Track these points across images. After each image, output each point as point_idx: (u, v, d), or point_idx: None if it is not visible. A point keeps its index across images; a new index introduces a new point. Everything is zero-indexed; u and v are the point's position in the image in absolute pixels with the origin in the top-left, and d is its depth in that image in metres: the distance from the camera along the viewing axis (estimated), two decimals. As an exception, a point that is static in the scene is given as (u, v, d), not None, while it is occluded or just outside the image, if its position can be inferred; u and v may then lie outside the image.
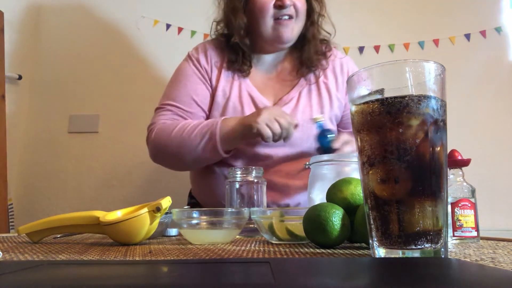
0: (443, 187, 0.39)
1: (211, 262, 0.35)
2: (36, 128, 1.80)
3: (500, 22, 1.77)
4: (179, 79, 1.15)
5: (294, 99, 1.13)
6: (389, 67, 0.41)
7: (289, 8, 1.07)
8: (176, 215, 0.64)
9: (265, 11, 1.07)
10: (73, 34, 1.86)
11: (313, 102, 1.14)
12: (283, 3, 1.06)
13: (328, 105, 1.15)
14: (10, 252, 0.53)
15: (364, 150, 0.41)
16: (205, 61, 1.15)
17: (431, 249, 0.38)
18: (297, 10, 1.09)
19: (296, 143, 1.09)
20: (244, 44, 1.12)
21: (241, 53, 1.13)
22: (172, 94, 1.13)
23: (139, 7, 1.85)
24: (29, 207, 1.74)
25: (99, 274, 0.29)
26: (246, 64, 1.13)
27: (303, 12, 1.11)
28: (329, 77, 1.17)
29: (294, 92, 1.14)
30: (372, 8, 1.84)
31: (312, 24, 1.16)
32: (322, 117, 1.10)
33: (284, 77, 1.17)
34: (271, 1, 1.07)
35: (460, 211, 0.65)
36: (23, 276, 0.27)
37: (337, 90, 1.17)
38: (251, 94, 1.12)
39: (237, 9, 1.11)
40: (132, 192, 1.74)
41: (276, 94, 1.15)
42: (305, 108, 1.12)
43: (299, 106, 1.12)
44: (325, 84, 1.16)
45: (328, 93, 1.16)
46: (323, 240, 0.53)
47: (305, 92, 1.14)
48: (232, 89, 1.12)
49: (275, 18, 1.08)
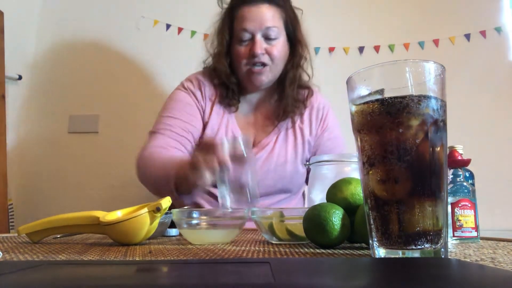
0: (443, 187, 0.39)
1: (211, 262, 0.35)
2: (36, 128, 1.80)
3: (500, 22, 1.77)
4: (175, 107, 1.17)
5: (271, 143, 1.18)
6: (389, 67, 0.40)
7: (262, 56, 1.11)
8: (176, 215, 0.64)
9: (239, 59, 1.13)
10: (73, 34, 1.86)
11: (288, 147, 1.18)
12: (255, 53, 1.10)
13: (301, 148, 1.20)
14: (10, 252, 0.53)
15: (364, 150, 0.41)
16: (200, 95, 1.19)
17: (431, 249, 0.38)
18: (272, 57, 1.12)
19: (269, 184, 1.15)
20: (230, 83, 1.16)
21: (230, 90, 1.17)
22: (166, 120, 1.15)
23: (139, 7, 1.85)
24: (29, 207, 1.74)
25: (99, 274, 0.29)
26: (235, 99, 1.18)
27: (279, 58, 1.14)
28: (305, 122, 1.22)
29: (271, 136, 1.19)
30: (372, 8, 1.84)
31: (292, 68, 1.18)
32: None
33: (264, 120, 1.22)
34: (245, 50, 1.12)
35: (460, 211, 0.65)
36: (23, 276, 0.27)
37: (310, 134, 1.22)
38: (235, 135, 1.17)
39: (220, 53, 1.16)
40: (132, 192, 1.74)
41: (256, 137, 1.20)
42: (280, 152, 1.17)
43: (275, 149, 1.17)
44: (301, 129, 1.21)
45: (302, 138, 1.20)
46: (323, 240, 0.53)
47: (282, 136, 1.19)
48: (221, 127, 1.17)
49: (249, 65, 1.12)
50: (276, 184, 1.16)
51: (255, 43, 1.10)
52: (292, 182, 1.19)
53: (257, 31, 1.10)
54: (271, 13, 1.12)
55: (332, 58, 1.81)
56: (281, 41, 1.14)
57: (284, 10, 1.16)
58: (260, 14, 1.10)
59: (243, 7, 1.12)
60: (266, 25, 1.10)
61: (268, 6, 1.12)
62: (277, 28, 1.12)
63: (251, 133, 1.20)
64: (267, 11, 1.11)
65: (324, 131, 1.23)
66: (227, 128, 1.17)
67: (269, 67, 1.13)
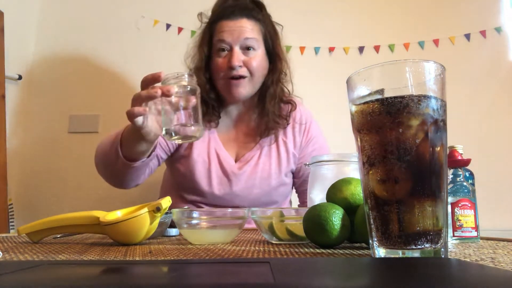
0: (443, 187, 0.39)
1: (211, 262, 0.35)
2: (36, 128, 1.80)
3: (500, 22, 1.77)
4: None
5: (255, 157, 1.17)
6: (389, 67, 0.40)
7: (239, 68, 1.10)
8: (176, 215, 0.64)
9: (218, 72, 1.13)
10: (73, 34, 1.85)
11: (272, 160, 1.18)
12: (232, 65, 1.09)
13: (285, 161, 1.20)
14: (10, 252, 0.53)
15: (364, 150, 0.41)
16: None
17: (431, 249, 0.38)
18: (250, 69, 1.12)
19: (254, 197, 1.16)
20: (209, 98, 1.16)
21: (210, 106, 1.17)
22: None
23: (139, 7, 1.85)
24: (29, 207, 1.74)
25: (99, 274, 0.29)
26: (215, 115, 1.18)
27: (257, 69, 1.13)
28: (289, 135, 1.22)
29: (254, 151, 1.18)
30: (372, 8, 1.84)
31: (272, 83, 1.18)
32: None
33: (246, 136, 1.21)
34: (223, 62, 1.12)
35: (460, 211, 0.65)
36: (23, 276, 0.27)
37: (294, 147, 1.22)
38: (217, 151, 1.17)
39: (199, 68, 1.16)
40: (132, 192, 1.74)
41: (239, 150, 1.20)
42: (265, 166, 1.17)
43: (259, 164, 1.17)
44: (284, 142, 1.21)
45: (286, 151, 1.20)
46: (323, 240, 0.53)
47: (265, 150, 1.19)
48: (203, 143, 1.16)
49: (227, 78, 1.12)
50: (260, 198, 1.16)
51: (232, 55, 1.10)
52: (277, 194, 1.20)
53: (235, 42, 1.10)
54: (250, 26, 1.12)
55: (332, 58, 1.81)
56: (259, 53, 1.14)
57: (263, 25, 1.16)
58: (238, 27, 1.11)
59: (222, 21, 1.13)
60: (245, 36, 1.10)
61: (247, 20, 1.13)
62: (255, 39, 1.12)
63: (234, 148, 1.20)
64: (246, 24, 1.12)
65: (309, 142, 1.23)
66: (209, 144, 1.17)
67: (247, 79, 1.12)
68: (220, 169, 1.15)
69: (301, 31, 1.81)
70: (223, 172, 1.15)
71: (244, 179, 1.15)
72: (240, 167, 1.16)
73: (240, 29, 1.10)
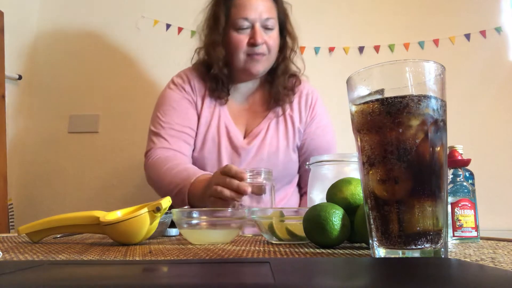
0: (443, 187, 0.39)
1: (211, 262, 0.35)
2: (36, 128, 1.80)
3: (500, 22, 1.77)
4: (169, 104, 1.20)
5: (263, 131, 1.20)
6: (389, 67, 0.40)
7: (261, 46, 1.14)
8: (176, 215, 0.64)
9: (239, 48, 1.14)
10: (73, 34, 1.85)
11: (279, 134, 1.21)
12: (256, 42, 1.12)
13: (292, 136, 1.22)
14: (10, 252, 0.53)
15: (364, 150, 0.41)
16: (190, 89, 1.21)
17: (431, 249, 0.38)
18: (269, 47, 1.16)
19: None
20: (222, 74, 1.18)
21: (220, 82, 1.19)
22: (162, 118, 1.18)
23: (139, 7, 1.85)
24: (29, 207, 1.74)
25: (99, 274, 0.29)
26: (224, 92, 1.20)
27: (275, 48, 1.18)
28: (295, 110, 1.24)
29: (263, 124, 1.21)
30: (372, 8, 1.84)
31: (283, 60, 1.23)
32: None
33: (255, 109, 1.24)
34: (245, 38, 1.14)
35: (460, 211, 0.65)
36: (23, 276, 0.27)
37: (300, 122, 1.24)
38: (227, 126, 1.19)
39: (216, 42, 1.17)
40: (132, 192, 1.74)
41: (248, 126, 1.23)
42: (272, 140, 1.20)
43: (267, 137, 1.19)
44: (291, 117, 1.23)
45: (292, 125, 1.23)
46: (323, 240, 0.53)
47: (273, 124, 1.21)
48: (213, 119, 1.19)
49: (248, 54, 1.15)
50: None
51: (255, 33, 1.13)
52: (286, 171, 1.21)
53: (257, 20, 1.13)
54: (268, 4, 1.16)
55: (332, 58, 1.81)
56: (275, 32, 1.18)
57: (277, 3, 1.20)
58: (259, 5, 1.14)
59: None
60: (266, 16, 1.14)
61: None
62: (273, 19, 1.16)
63: (242, 123, 1.22)
64: (265, 2, 1.15)
65: (313, 119, 1.25)
66: (219, 120, 1.19)
67: (266, 57, 1.16)
68: (229, 145, 1.18)
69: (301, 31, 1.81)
70: (233, 147, 1.17)
71: (253, 154, 1.17)
72: (248, 142, 1.18)
73: (261, 7, 1.14)
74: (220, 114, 1.20)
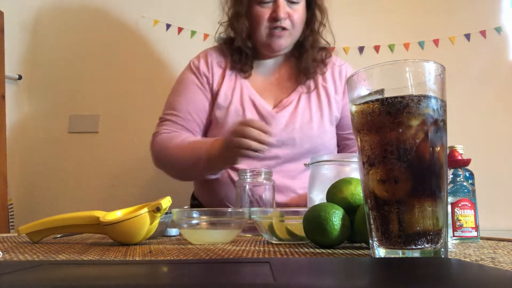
0: (443, 187, 0.39)
1: (211, 262, 0.35)
2: (36, 128, 1.80)
3: (500, 22, 1.77)
4: (179, 89, 1.19)
5: (294, 102, 1.15)
6: (389, 67, 0.40)
7: (284, 21, 1.10)
8: (176, 215, 0.64)
9: (260, 22, 1.11)
10: (73, 34, 1.85)
11: (312, 105, 1.16)
12: (277, 17, 1.09)
13: (327, 107, 1.17)
14: (10, 252, 0.53)
15: (364, 150, 0.41)
16: (206, 67, 1.18)
17: (431, 249, 0.38)
18: (293, 22, 1.12)
19: (296, 144, 1.12)
20: (246, 47, 1.15)
21: (244, 55, 1.16)
22: (172, 104, 1.18)
23: (139, 7, 1.85)
24: (29, 207, 1.74)
25: (99, 274, 0.29)
26: (247, 65, 1.16)
27: (299, 23, 1.14)
28: (328, 80, 1.20)
29: (293, 96, 1.16)
30: (372, 8, 1.84)
31: (311, 33, 1.18)
32: None
33: (283, 83, 1.20)
34: (267, 12, 1.10)
35: (460, 211, 0.65)
36: (23, 276, 0.27)
37: (335, 93, 1.20)
38: (252, 98, 1.15)
39: (239, 14, 1.14)
40: (132, 192, 1.74)
41: (276, 98, 1.18)
42: (305, 111, 1.15)
43: (298, 108, 1.14)
44: (324, 87, 1.19)
45: (327, 96, 1.18)
46: (323, 240, 0.53)
47: (304, 97, 1.17)
48: (234, 93, 1.15)
49: (270, 28, 1.11)
50: (303, 143, 1.12)
51: (278, 6, 1.09)
52: (321, 143, 1.15)
53: None
54: None
55: (332, 58, 1.80)
56: (301, 6, 1.14)
57: None
58: None
59: None
60: None
61: None
62: None
63: (270, 97, 1.18)
64: None
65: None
66: (242, 92, 1.15)
67: (289, 32, 1.12)
68: (257, 115, 1.13)
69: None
70: (261, 117, 1.13)
71: (283, 124, 1.12)
72: (277, 111, 1.14)
73: None
74: (242, 87, 1.16)
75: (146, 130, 1.22)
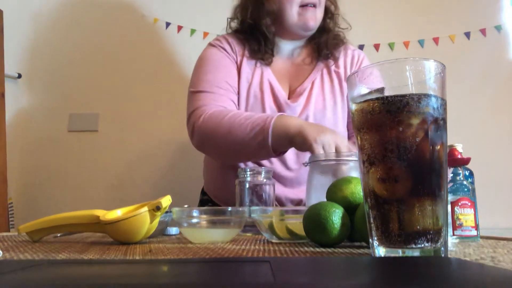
0: (443, 186, 0.39)
1: (211, 261, 0.35)
2: (36, 126, 1.80)
3: (500, 21, 1.77)
4: (212, 64, 1.16)
5: (307, 89, 1.17)
6: (389, 65, 0.40)
7: None
8: (176, 214, 0.64)
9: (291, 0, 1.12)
10: (72, 33, 1.85)
11: (325, 91, 1.18)
12: None
13: (339, 93, 1.19)
14: (10, 251, 0.53)
15: (364, 149, 0.41)
16: (229, 46, 1.19)
17: (431, 248, 0.38)
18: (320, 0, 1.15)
19: None
20: (269, 31, 1.16)
21: (263, 42, 1.17)
22: (207, 78, 1.13)
23: (139, 6, 1.84)
24: (29, 206, 1.74)
25: (99, 273, 0.29)
26: (268, 53, 1.18)
27: (323, 2, 1.17)
28: (341, 66, 1.21)
29: (307, 83, 1.18)
30: (372, 6, 1.84)
31: (330, 18, 1.22)
32: None
33: (299, 68, 1.21)
34: None
35: (460, 210, 0.65)
36: (23, 275, 0.27)
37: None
38: (271, 83, 1.16)
39: None
40: (132, 191, 1.74)
41: (291, 84, 1.20)
42: (318, 97, 1.16)
43: (312, 95, 1.16)
44: (337, 73, 1.20)
45: (339, 82, 1.20)
46: (323, 239, 0.53)
47: (318, 81, 1.18)
48: (254, 77, 1.16)
49: (301, 5, 1.13)
50: None
51: None
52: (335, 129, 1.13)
53: None
54: None
55: (332, 56, 1.80)
56: None
57: None
58: None
59: None
60: None
61: None
62: None
63: (286, 83, 1.19)
64: None
65: None
66: (262, 76, 1.16)
67: (318, 10, 1.15)
68: (274, 102, 1.14)
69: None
70: (277, 105, 1.14)
71: (298, 113, 1.13)
72: (293, 101, 1.15)
73: None
74: (262, 71, 1.17)
75: (146, 129, 1.22)
